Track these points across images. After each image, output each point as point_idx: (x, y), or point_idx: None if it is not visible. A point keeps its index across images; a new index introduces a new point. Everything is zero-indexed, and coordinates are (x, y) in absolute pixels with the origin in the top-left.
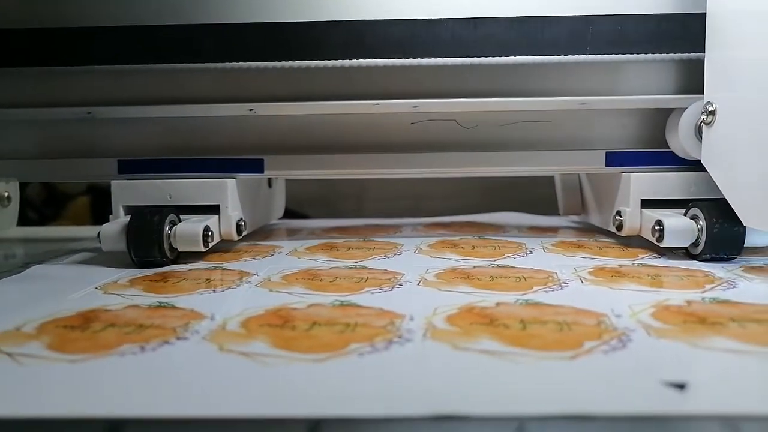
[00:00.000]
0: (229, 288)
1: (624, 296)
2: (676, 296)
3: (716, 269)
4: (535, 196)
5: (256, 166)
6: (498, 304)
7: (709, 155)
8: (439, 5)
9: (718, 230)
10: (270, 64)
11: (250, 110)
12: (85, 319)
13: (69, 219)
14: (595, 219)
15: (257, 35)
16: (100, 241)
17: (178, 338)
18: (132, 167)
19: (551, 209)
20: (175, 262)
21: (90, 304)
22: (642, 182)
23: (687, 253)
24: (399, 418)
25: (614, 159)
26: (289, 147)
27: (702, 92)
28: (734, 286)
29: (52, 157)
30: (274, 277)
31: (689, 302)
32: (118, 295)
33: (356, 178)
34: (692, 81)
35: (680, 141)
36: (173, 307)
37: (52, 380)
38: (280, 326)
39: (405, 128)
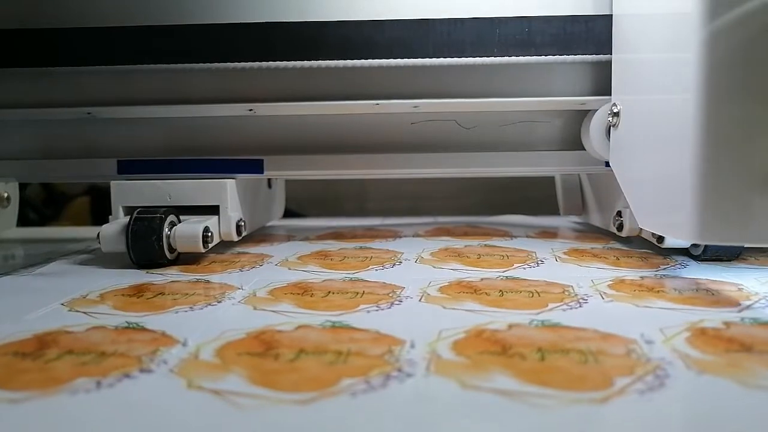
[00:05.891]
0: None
1: None
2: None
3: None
4: (535, 196)
5: (256, 167)
6: (510, 326)
7: (615, 157)
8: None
9: None
10: (270, 64)
11: (250, 110)
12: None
13: (69, 219)
14: (595, 219)
15: (257, 35)
16: (99, 242)
17: None
18: (132, 168)
19: (551, 209)
20: (175, 263)
21: None
22: None
23: (688, 255)
24: None
25: None
26: (289, 147)
27: None
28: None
29: (52, 157)
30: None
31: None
32: None
33: (356, 178)
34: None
35: (591, 142)
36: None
37: None
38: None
39: (405, 128)
